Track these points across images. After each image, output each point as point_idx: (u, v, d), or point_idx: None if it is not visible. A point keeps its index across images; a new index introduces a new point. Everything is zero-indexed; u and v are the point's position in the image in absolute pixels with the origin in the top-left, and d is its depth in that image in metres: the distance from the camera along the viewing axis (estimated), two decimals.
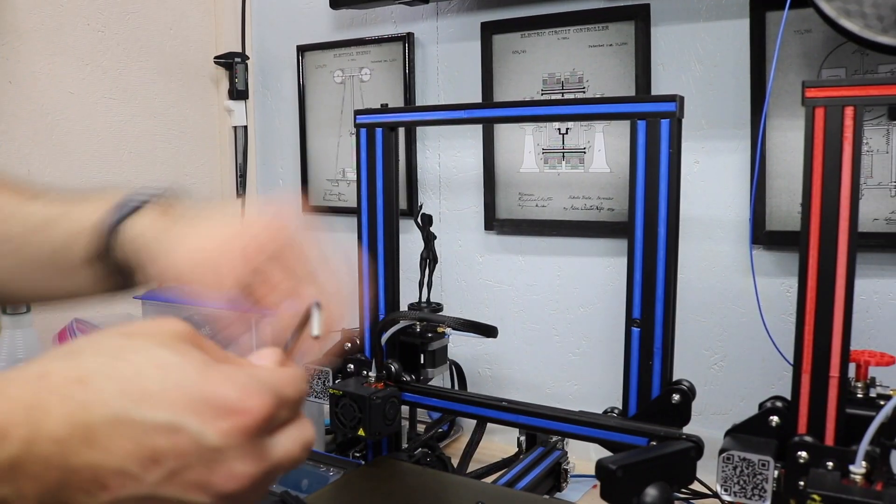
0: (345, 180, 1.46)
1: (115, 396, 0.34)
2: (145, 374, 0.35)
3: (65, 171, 1.29)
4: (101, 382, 0.35)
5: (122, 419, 0.34)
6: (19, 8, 1.21)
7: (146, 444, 0.34)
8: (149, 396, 0.35)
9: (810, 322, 0.70)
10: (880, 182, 0.98)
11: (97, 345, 0.37)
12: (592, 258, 1.21)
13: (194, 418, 0.35)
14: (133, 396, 0.35)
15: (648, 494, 0.70)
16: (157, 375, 0.36)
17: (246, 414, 0.36)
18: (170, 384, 0.36)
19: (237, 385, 0.37)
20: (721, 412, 1.12)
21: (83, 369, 0.35)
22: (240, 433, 0.36)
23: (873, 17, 0.77)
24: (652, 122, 0.76)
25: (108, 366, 0.35)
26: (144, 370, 0.36)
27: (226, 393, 0.36)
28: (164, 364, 0.36)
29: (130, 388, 0.35)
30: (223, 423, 0.36)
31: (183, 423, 0.35)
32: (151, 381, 0.35)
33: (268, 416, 0.37)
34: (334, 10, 1.38)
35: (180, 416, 0.35)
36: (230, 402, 0.36)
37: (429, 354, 1.00)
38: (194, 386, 0.36)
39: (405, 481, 0.89)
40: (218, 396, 0.36)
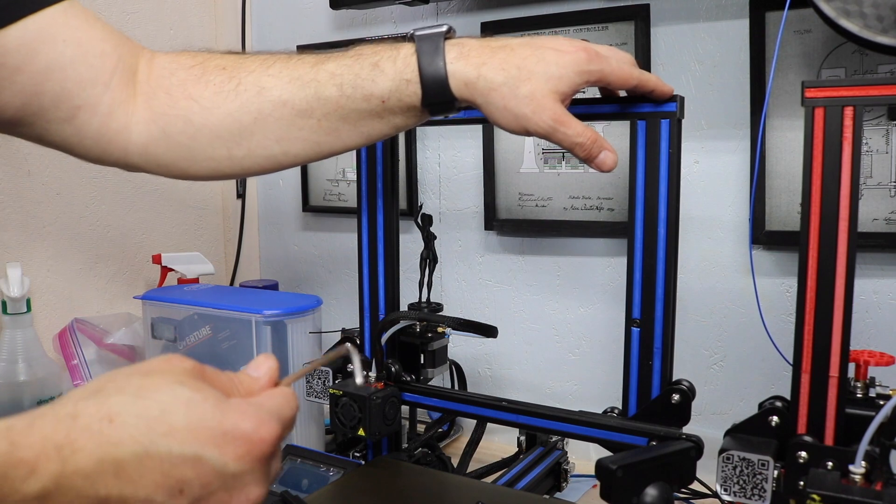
0: (345, 180, 1.46)
1: (143, 433, 0.38)
2: (170, 411, 0.39)
3: (65, 171, 1.29)
4: (129, 419, 0.38)
5: (151, 453, 0.38)
6: None
7: (173, 475, 0.38)
8: (174, 432, 0.38)
9: (810, 322, 0.70)
10: (880, 182, 0.98)
11: (120, 384, 0.40)
12: (592, 258, 1.21)
13: (216, 450, 0.39)
14: (159, 432, 0.38)
15: (648, 494, 0.70)
16: (181, 412, 0.39)
17: (261, 443, 0.41)
18: (193, 420, 0.39)
19: (250, 417, 0.41)
20: (721, 412, 1.12)
21: (111, 408, 0.38)
22: (255, 460, 0.41)
23: (873, 18, 0.77)
24: (652, 122, 0.76)
25: (134, 404, 0.38)
26: (168, 407, 0.39)
27: (243, 426, 0.41)
28: (185, 401, 0.40)
29: (157, 425, 0.38)
30: (242, 451, 0.40)
31: (206, 455, 0.39)
32: (176, 417, 0.39)
33: (278, 441, 0.43)
34: (334, 10, 1.38)
35: (203, 449, 0.39)
36: (247, 434, 0.41)
37: (429, 354, 1.00)
38: (214, 420, 0.40)
39: (405, 481, 0.89)
40: (237, 430, 0.40)
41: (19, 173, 1.22)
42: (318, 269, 1.55)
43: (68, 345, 1.17)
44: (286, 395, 0.46)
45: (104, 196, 1.36)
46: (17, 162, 1.22)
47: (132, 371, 0.41)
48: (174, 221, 1.50)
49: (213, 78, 0.65)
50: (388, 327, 0.94)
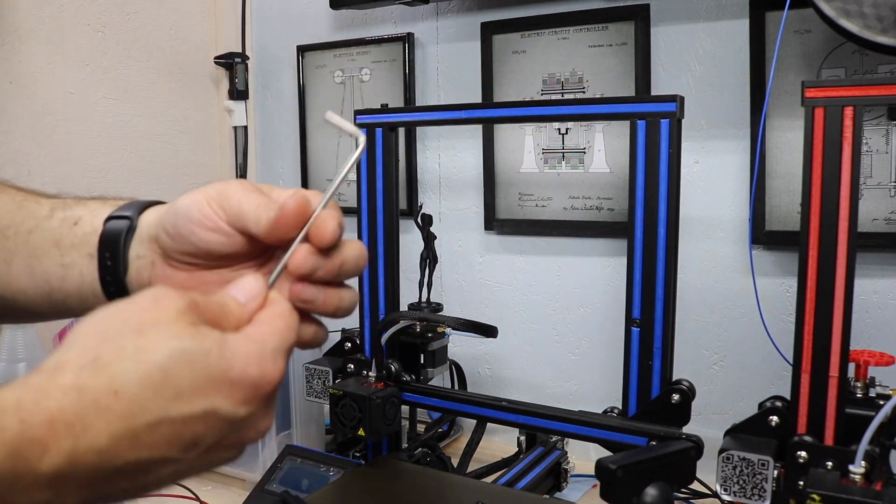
0: (345, 180, 1.46)
1: (151, 401, 0.37)
2: (173, 374, 0.38)
3: (65, 170, 1.29)
4: (135, 389, 0.37)
5: (162, 419, 0.37)
6: (20, 9, 1.21)
7: (186, 433, 0.38)
8: (182, 394, 0.38)
9: (810, 322, 0.70)
10: (880, 182, 0.98)
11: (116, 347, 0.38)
12: (592, 258, 1.21)
13: (226, 400, 0.39)
14: (167, 397, 0.37)
15: (648, 494, 0.70)
16: (185, 372, 0.38)
17: (269, 384, 0.41)
18: (198, 377, 0.38)
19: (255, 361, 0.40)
20: (721, 412, 1.12)
21: (114, 378, 0.37)
22: (264, 399, 0.41)
23: (873, 18, 0.77)
24: (652, 122, 0.76)
25: (136, 371, 0.37)
26: (171, 370, 0.38)
27: (250, 372, 0.40)
28: (187, 360, 0.38)
29: (163, 391, 0.37)
30: (251, 396, 0.40)
31: (216, 407, 0.39)
32: (181, 379, 0.38)
33: (282, 375, 0.42)
34: (334, 10, 1.38)
35: (213, 402, 0.38)
36: (255, 380, 0.40)
37: (429, 354, 1.00)
38: (219, 372, 0.39)
39: (405, 481, 0.89)
40: (244, 377, 0.40)
41: (19, 173, 1.22)
42: None
43: None
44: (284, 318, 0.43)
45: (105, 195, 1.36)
46: (17, 162, 1.22)
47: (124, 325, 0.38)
48: None
49: None
50: (388, 327, 0.94)
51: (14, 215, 0.54)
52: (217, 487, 1.11)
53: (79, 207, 0.54)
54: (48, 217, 0.54)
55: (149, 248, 0.50)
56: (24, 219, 0.54)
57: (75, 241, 0.52)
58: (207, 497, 1.07)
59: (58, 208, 0.54)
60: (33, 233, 0.53)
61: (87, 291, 0.52)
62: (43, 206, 0.55)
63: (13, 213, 0.54)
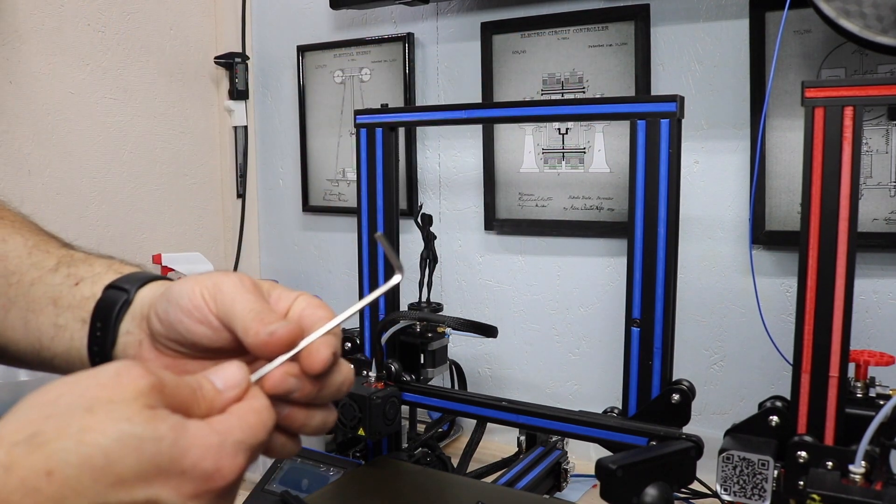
0: (345, 180, 1.46)
1: (87, 486, 0.34)
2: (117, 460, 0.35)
3: (65, 171, 1.29)
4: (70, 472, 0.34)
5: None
6: (20, 9, 1.21)
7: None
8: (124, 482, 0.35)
9: (810, 322, 0.70)
10: (880, 182, 0.98)
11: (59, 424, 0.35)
12: (592, 258, 1.21)
13: (172, 491, 0.36)
14: (106, 483, 0.34)
15: (648, 494, 0.70)
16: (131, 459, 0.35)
17: (221, 479, 0.38)
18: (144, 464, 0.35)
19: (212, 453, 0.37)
20: (721, 412, 1.12)
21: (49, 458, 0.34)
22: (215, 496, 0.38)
23: (873, 18, 0.77)
24: (652, 122, 0.76)
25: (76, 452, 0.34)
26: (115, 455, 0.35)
27: (203, 465, 0.37)
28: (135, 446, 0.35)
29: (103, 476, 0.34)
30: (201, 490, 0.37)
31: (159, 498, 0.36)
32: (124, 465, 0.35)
33: (241, 474, 0.39)
34: (334, 10, 1.38)
35: (157, 491, 0.36)
36: (208, 473, 0.37)
37: (429, 354, 1.00)
38: (170, 460, 0.36)
39: (405, 481, 0.89)
40: (196, 469, 0.37)
41: (19, 173, 1.22)
42: (318, 269, 1.55)
43: None
44: (258, 414, 0.41)
45: (104, 196, 1.36)
46: (17, 162, 1.22)
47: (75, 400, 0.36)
48: (174, 221, 1.50)
49: None
50: (388, 327, 0.94)
51: (22, 262, 0.54)
52: None
53: (84, 266, 0.53)
54: (53, 271, 0.53)
55: (139, 326, 0.49)
56: (29, 268, 0.53)
57: (73, 302, 0.51)
58: None
59: (63, 263, 0.53)
60: (35, 285, 0.52)
61: (75, 356, 0.51)
62: (51, 258, 0.54)
63: (21, 260, 0.54)
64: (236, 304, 0.44)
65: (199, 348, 0.47)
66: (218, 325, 0.45)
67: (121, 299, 0.50)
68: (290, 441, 0.46)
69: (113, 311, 0.49)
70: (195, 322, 0.45)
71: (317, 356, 0.43)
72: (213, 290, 0.45)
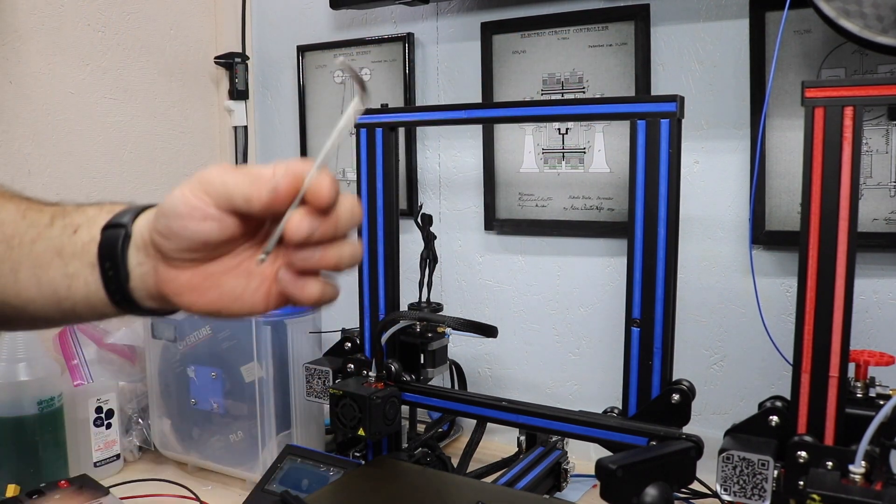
0: (345, 180, 1.46)
1: None
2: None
3: (65, 171, 1.29)
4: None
5: None
6: (20, 8, 1.21)
7: None
8: None
9: (810, 322, 0.70)
10: (880, 182, 0.98)
11: None
12: (592, 258, 1.21)
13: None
14: None
15: (648, 494, 0.70)
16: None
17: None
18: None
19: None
20: (721, 412, 1.12)
21: None
22: None
23: (873, 18, 0.77)
24: (652, 122, 0.76)
25: None
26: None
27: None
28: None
29: None
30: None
31: None
32: None
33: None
34: (334, 10, 1.38)
35: None
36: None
37: (429, 354, 1.00)
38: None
39: (405, 481, 0.89)
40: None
41: (19, 173, 1.22)
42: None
43: (68, 345, 1.17)
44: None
45: (104, 196, 1.36)
46: (17, 162, 1.22)
47: None
48: None
49: None
50: (388, 327, 0.94)
51: (18, 225, 0.55)
52: (217, 487, 1.11)
53: (77, 215, 0.54)
54: (49, 225, 0.54)
55: (146, 254, 0.50)
56: (27, 228, 0.54)
57: (76, 250, 0.52)
58: (207, 497, 1.07)
59: (58, 216, 0.54)
60: (36, 242, 0.53)
61: (95, 299, 0.52)
62: (44, 215, 0.55)
63: (17, 223, 0.55)
64: (227, 183, 0.46)
65: (211, 246, 0.48)
66: (219, 214, 0.46)
67: (120, 235, 0.51)
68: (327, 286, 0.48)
69: (116, 249, 0.51)
70: (198, 221, 0.46)
71: (321, 189, 0.45)
72: (200, 184, 0.47)
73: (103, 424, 1.14)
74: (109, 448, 1.15)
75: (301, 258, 0.47)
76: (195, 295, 0.50)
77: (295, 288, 0.48)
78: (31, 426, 1.03)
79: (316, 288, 0.48)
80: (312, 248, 0.46)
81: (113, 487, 1.03)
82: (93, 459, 1.12)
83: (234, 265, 0.49)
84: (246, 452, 1.11)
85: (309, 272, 0.48)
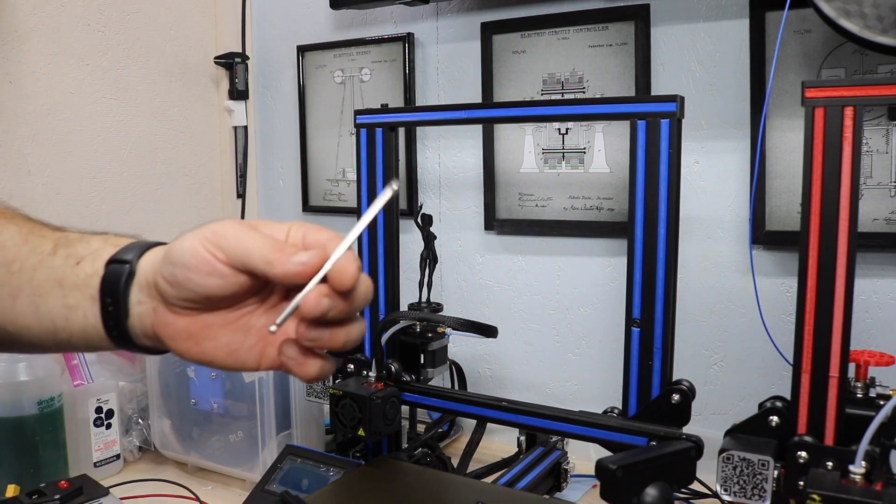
0: (345, 180, 1.46)
1: None
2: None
3: (65, 171, 1.29)
4: None
5: None
6: (20, 9, 1.21)
7: None
8: None
9: (810, 322, 0.70)
10: (880, 182, 0.98)
11: None
12: (592, 258, 1.21)
13: None
14: None
15: (648, 494, 0.70)
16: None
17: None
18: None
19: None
20: (721, 412, 1.12)
21: None
22: None
23: (873, 18, 0.77)
24: (652, 122, 0.76)
25: None
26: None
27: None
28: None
29: None
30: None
31: None
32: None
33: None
34: (334, 10, 1.38)
35: None
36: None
37: (429, 354, 1.00)
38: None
39: (405, 481, 0.89)
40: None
41: (19, 173, 1.22)
42: None
43: None
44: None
45: (104, 196, 1.36)
46: (17, 162, 1.22)
47: None
48: (174, 221, 1.50)
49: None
50: (388, 327, 0.94)
51: (20, 250, 0.54)
52: (217, 487, 1.11)
53: (81, 245, 0.53)
54: (51, 253, 0.53)
55: (148, 294, 0.50)
56: (28, 254, 0.53)
57: (78, 281, 0.52)
58: (207, 497, 1.07)
59: (61, 244, 0.54)
60: (37, 269, 0.53)
61: (92, 332, 0.52)
62: (47, 241, 0.54)
63: (19, 248, 0.54)
64: (246, 244, 0.45)
65: (214, 300, 0.48)
66: (229, 271, 0.46)
67: (124, 272, 0.50)
68: (326, 363, 0.48)
69: (119, 285, 0.50)
70: (204, 276, 0.46)
71: (346, 273, 0.44)
72: (214, 238, 0.46)
73: (103, 424, 1.14)
74: (109, 448, 1.15)
75: (310, 338, 0.46)
76: (190, 343, 0.49)
77: (296, 364, 0.48)
78: (31, 426, 1.03)
79: (316, 367, 0.48)
80: (323, 327, 0.46)
81: (113, 487, 1.03)
82: (93, 459, 1.12)
83: (234, 319, 0.49)
84: (246, 452, 1.11)
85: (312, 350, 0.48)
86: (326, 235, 0.47)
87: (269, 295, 0.49)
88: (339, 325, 0.47)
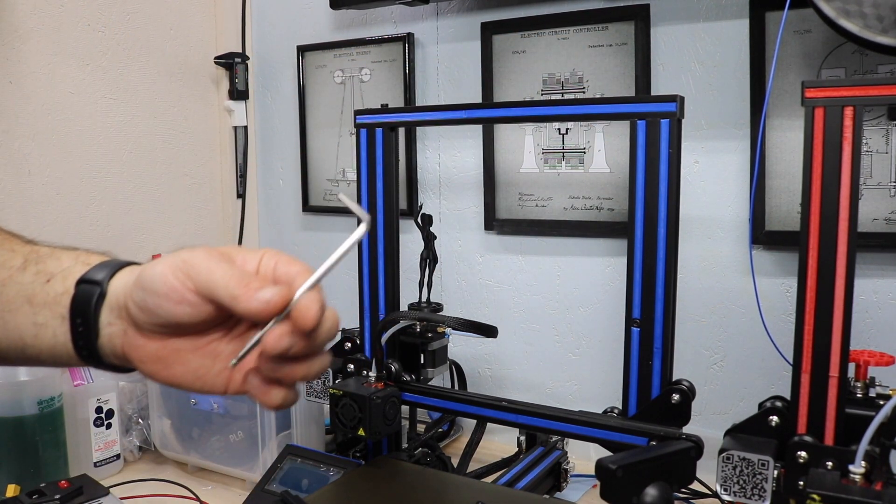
0: (345, 180, 1.46)
1: None
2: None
3: (65, 171, 1.29)
4: None
5: None
6: (20, 9, 1.21)
7: None
8: None
9: (810, 322, 0.70)
10: (880, 182, 0.98)
11: None
12: (592, 258, 1.21)
13: None
14: None
15: (648, 494, 0.70)
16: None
17: None
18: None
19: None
20: (721, 412, 1.12)
21: None
22: None
23: (873, 18, 0.77)
24: (652, 122, 0.76)
25: None
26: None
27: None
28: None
29: None
30: None
31: None
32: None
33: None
34: (334, 10, 1.38)
35: None
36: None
37: (429, 354, 1.00)
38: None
39: (405, 481, 0.89)
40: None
41: (19, 173, 1.22)
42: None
43: None
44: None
45: (104, 196, 1.36)
46: (17, 162, 1.22)
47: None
48: (174, 221, 1.50)
49: None
50: (388, 327, 0.94)
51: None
52: (217, 487, 1.11)
53: (51, 261, 0.53)
54: (21, 269, 0.53)
55: (119, 317, 0.50)
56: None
57: (48, 299, 0.51)
58: (207, 497, 1.07)
59: (31, 260, 0.53)
60: (6, 285, 0.52)
61: (61, 350, 0.52)
62: (17, 256, 0.54)
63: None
64: (214, 275, 0.45)
65: (184, 326, 0.48)
66: (197, 300, 0.46)
67: (95, 293, 0.50)
68: (289, 392, 0.49)
69: (90, 307, 0.50)
70: (174, 304, 0.46)
71: (308, 313, 0.44)
72: (184, 267, 0.46)
73: (103, 424, 1.14)
74: (109, 448, 1.15)
75: (271, 369, 0.47)
76: (159, 366, 0.49)
77: (259, 393, 0.48)
78: (31, 426, 1.03)
79: (279, 396, 0.48)
80: (284, 362, 0.47)
81: (113, 487, 1.03)
82: (93, 459, 1.12)
83: (202, 345, 0.49)
84: (246, 452, 1.11)
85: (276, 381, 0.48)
86: (296, 269, 0.47)
87: (237, 323, 0.50)
88: (300, 360, 0.47)
